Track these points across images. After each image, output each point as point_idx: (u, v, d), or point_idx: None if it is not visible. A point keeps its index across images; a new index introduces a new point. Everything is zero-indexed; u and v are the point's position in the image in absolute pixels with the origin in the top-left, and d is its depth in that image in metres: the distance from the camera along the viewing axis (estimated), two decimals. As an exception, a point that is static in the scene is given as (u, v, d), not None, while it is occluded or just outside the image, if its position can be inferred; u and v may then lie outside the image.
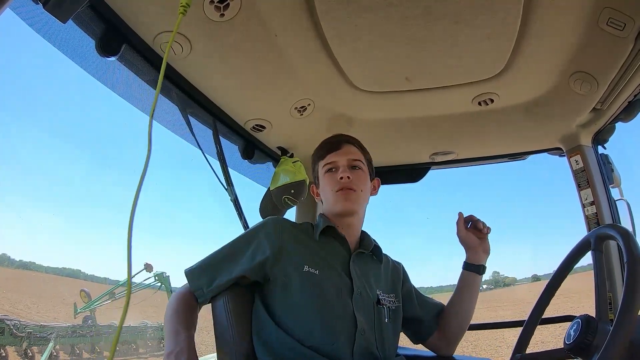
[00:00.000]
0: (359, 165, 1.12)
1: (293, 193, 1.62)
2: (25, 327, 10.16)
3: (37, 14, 0.91)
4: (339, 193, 1.07)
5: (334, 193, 1.08)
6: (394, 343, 1.06)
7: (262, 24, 1.09)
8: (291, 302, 0.96)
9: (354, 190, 1.08)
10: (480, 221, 1.17)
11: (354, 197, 1.08)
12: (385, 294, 1.08)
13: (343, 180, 1.07)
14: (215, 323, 0.97)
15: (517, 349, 0.98)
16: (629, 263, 0.73)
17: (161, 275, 12.75)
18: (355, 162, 1.12)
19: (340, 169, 1.09)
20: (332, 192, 1.09)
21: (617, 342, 0.66)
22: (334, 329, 0.94)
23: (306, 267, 0.98)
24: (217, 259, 1.01)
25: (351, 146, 1.14)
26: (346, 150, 1.12)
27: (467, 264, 1.18)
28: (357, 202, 1.08)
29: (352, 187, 1.07)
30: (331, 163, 1.11)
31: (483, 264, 1.17)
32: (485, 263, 1.18)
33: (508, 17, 1.08)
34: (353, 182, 1.08)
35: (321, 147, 1.16)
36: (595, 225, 1.54)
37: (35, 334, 10.15)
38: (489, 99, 1.48)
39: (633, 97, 1.33)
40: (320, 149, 1.16)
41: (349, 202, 1.07)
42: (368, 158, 1.18)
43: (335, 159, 1.11)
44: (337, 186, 1.08)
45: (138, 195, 0.69)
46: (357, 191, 1.08)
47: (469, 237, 1.17)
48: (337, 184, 1.08)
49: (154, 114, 1.34)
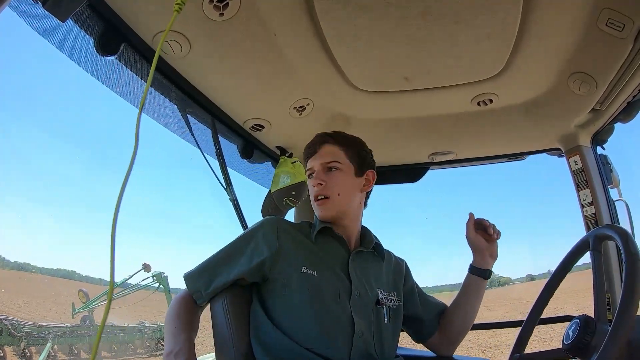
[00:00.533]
0: (335, 166, 1.07)
1: (294, 195, 1.62)
2: (24, 327, 10.15)
3: (37, 13, 0.91)
4: (316, 202, 1.07)
5: (313, 202, 1.08)
6: (393, 344, 1.06)
7: (262, 23, 1.09)
8: (289, 303, 0.96)
9: (328, 197, 1.05)
10: (491, 225, 1.15)
11: (329, 204, 1.05)
12: (385, 292, 1.07)
13: (316, 189, 1.06)
14: (214, 323, 0.97)
15: (515, 349, 0.98)
16: (627, 263, 0.73)
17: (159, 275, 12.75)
18: (331, 163, 1.07)
19: (316, 175, 1.07)
20: (312, 199, 1.08)
21: (615, 342, 0.66)
22: (331, 332, 0.93)
23: (304, 268, 0.98)
24: (214, 262, 1.01)
25: (327, 146, 1.09)
26: (321, 153, 1.09)
27: (473, 267, 1.17)
28: (333, 208, 1.05)
29: (325, 193, 1.05)
30: (309, 169, 1.10)
31: (489, 269, 1.16)
32: (492, 268, 1.17)
33: (507, 17, 1.08)
34: (327, 187, 1.05)
35: (304, 152, 1.14)
36: (594, 226, 1.54)
37: (33, 334, 10.13)
38: (488, 99, 1.48)
39: (632, 98, 1.33)
40: (303, 154, 1.14)
41: (325, 210, 1.05)
42: (353, 152, 1.10)
43: (312, 164, 1.10)
44: (312, 194, 1.08)
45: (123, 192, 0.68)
46: (332, 196, 1.05)
47: (478, 240, 1.15)
48: (312, 191, 1.08)
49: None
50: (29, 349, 10.08)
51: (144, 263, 12.65)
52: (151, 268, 12.73)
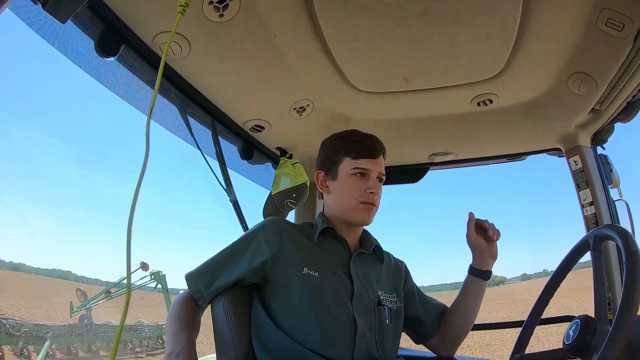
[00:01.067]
0: (383, 179, 1.10)
1: (295, 197, 1.62)
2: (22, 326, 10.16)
3: (36, 14, 0.91)
4: (363, 205, 1.04)
5: (357, 202, 1.04)
6: (394, 344, 1.06)
7: (261, 24, 1.09)
8: (290, 304, 0.96)
9: (376, 206, 1.07)
10: (491, 226, 1.14)
11: (374, 212, 1.07)
12: (386, 294, 1.07)
13: (372, 195, 1.05)
14: (215, 323, 0.97)
15: (516, 349, 0.98)
16: (627, 263, 0.73)
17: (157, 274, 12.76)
18: (383, 176, 1.10)
19: (372, 181, 1.06)
20: (355, 200, 1.05)
21: (616, 342, 0.66)
22: (333, 332, 0.93)
23: (306, 269, 0.98)
24: (216, 262, 1.01)
25: (383, 158, 1.11)
26: (380, 162, 1.09)
27: (472, 268, 1.16)
28: (373, 216, 1.08)
29: (376, 202, 1.06)
30: (364, 169, 1.06)
31: (489, 270, 1.15)
32: (492, 268, 1.16)
33: (507, 17, 1.08)
34: (378, 198, 1.07)
35: (355, 144, 1.08)
36: (594, 226, 1.54)
37: (31, 333, 10.15)
38: (488, 99, 1.48)
39: (632, 98, 1.33)
40: (354, 146, 1.08)
41: (369, 217, 1.07)
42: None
43: (370, 167, 1.06)
44: (363, 197, 1.04)
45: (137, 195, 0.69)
46: (377, 207, 1.08)
47: (478, 241, 1.14)
48: (363, 195, 1.04)
49: (153, 115, 1.35)
50: (27, 348, 10.11)
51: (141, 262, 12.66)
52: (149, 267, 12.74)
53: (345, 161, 1.07)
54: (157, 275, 12.76)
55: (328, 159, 1.11)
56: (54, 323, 11.66)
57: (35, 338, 10.18)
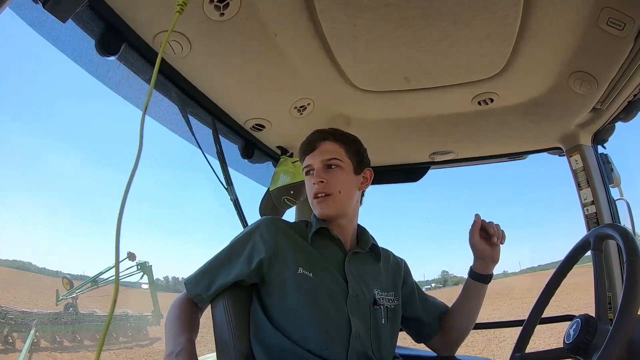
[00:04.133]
0: (336, 164, 1.06)
1: (292, 194, 1.61)
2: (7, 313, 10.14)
3: (37, 14, 0.91)
4: (315, 200, 1.05)
5: (312, 199, 1.06)
6: (391, 344, 1.06)
7: (262, 23, 1.09)
8: (286, 305, 0.96)
9: (330, 194, 1.04)
10: (496, 232, 1.10)
11: (330, 201, 1.04)
12: (383, 292, 1.07)
13: (316, 186, 1.04)
14: (215, 323, 0.97)
15: (516, 349, 0.98)
16: (628, 262, 0.73)
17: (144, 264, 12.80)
18: (331, 161, 1.06)
19: (315, 173, 1.05)
20: (311, 198, 1.07)
21: (616, 341, 0.66)
22: (328, 333, 0.93)
23: (301, 269, 0.97)
24: (213, 265, 1.01)
25: (327, 143, 1.08)
26: (321, 150, 1.07)
27: (473, 272, 1.14)
28: (334, 206, 1.04)
29: (327, 191, 1.03)
30: (307, 166, 1.08)
31: (490, 274, 1.14)
32: (492, 271, 1.14)
33: (507, 16, 1.08)
34: (328, 184, 1.04)
35: (300, 148, 1.11)
36: (595, 225, 1.54)
37: (16, 321, 10.14)
38: (488, 98, 1.48)
39: (633, 97, 1.33)
40: (300, 151, 1.11)
41: (325, 208, 1.04)
42: (353, 149, 1.10)
43: (310, 161, 1.07)
44: (312, 191, 1.06)
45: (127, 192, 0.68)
46: (334, 194, 1.04)
47: (481, 245, 1.11)
48: (312, 189, 1.06)
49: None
50: (11, 335, 10.09)
51: (128, 252, 12.68)
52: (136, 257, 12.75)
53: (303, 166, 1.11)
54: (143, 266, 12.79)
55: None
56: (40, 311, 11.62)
57: (21, 325, 10.19)
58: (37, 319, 10.40)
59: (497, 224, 1.12)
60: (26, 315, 10.63)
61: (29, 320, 10.31)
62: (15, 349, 10.00)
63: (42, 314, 11.05)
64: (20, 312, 10.85)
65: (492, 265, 1.13)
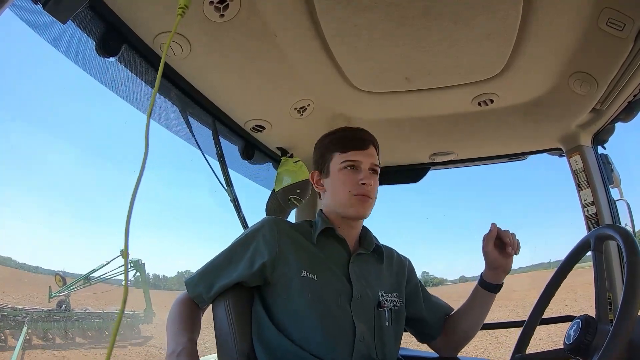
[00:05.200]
0: (377, 171, 1.08)
1: (299, 192, 1.61)
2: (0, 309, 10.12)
3: (37, 15, 0.91)
4: (356, 197, 1.02)
5: (351, 195, 1.02)
6: (395, 346, 1.05)
7: (262, 24, 1.09)
8: (290, 307, 0.95)
9: (371, 197, 1.04)
10: (512, 242, 1.06)
11: (369, 204, 1.04)
12: (387, 294, 1.06)
13: (365, 187, 1.02)
14: (216, 323, 0.97)
15: (517, 349, 0.98)
16: (628, 263, 0.73)
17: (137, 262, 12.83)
18: (376, 167, 1.07)
19: (363, 173, 1.04)
20: (348, 193, 1.03)
21: (616, 342, 0.66)
22: (332, 336, 0.93)
23: (304, 272, 0.97)
24: (215, 265, 1.00)
25: (373, 148, 1.09)
26: (371, 152, 1.07)
27: (483, 281, 1.11)
28: (370, 209, 1.06)
29: (370, 194, 1.04)
30: (354, 162, 1.04)
31: (500, 283, 1.11)
32: (503, 281, 1.11)
33: (508, 17, 1.08)
34: (372, 189, 1.04)
35: (343, 139, 1.08)
36: (595, 226, 1.54)
37: (9, 317, 10.13)
38: (488, 99, 1.48)
39: (633, 97, 1.33)
40: (342, 140, 1.07)
41: (365, 209, 1.04)
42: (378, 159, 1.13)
43: (360, 158, 1.04)
44: (355, 190, 1.02)
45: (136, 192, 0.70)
46: (373, 199, 1.05)
47: (495, 254, 1.07)
48: (356, 187, 1.02)
49: (154, 115, 1.35)
50: (3, 332, 10.10)
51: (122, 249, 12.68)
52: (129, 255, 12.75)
53: (335, 156, 1.06)
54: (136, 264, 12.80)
55: (320, 157, 1.11)
56: (32, 308, 11.62)
57: (13, 322, 10.19)
58: (29, 316, 10.38)
59: (512, 233, 1.07)
60: (19, 312, 10.62)
61: (22, 317, 10.30)
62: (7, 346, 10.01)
63: (35, 311, 11.04)
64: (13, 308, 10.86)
65: (504, 275, 1.10)
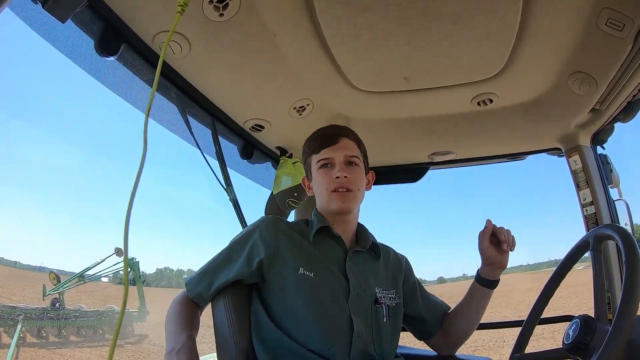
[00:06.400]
0: (356, 162, 1.06)
1: (296, 196, 1.62)
2: None
3: (36, 14, 0.91)
4: (334, 193, 1.03)
5: (329, 192, 1.03)
6: (393, 342, 1.05)
7: (262, 23, 1.09)
8: (287, 304, 0.96)
9: (351, 190, 1.03)
10: (507, 238, 1.07)
11: (351, 197, 1.03)
12: (384, 291, 1.06)
13: (339, 180, 1.02)
14: (215, 321, 0.97)
15: (516, 349, 0.98)
16: (627, 263, 0.73)
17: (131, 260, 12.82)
18: (352, 158, 1.06)
19: (337, 166, 1.04)
20: (326, 191, 1.04)
21: (615, 342, 0.66)
22: (330, 333, 0.93)
23: (301, 269, 0.97)
24: (213, 265, 1.01)
25: (347, 140, 1.08)
26: (343, 145, 1.06)
27: (480, 277, 1.12)
28: (353, 201, 1.04)
29: (348, 186, 1.02)
30: (326, 159, 1.05)
31: (497, 279, 1.12)
32: (499, 277, 1.12)
33: (507, 17, 1.08)
34: (350, 181, 1.03)
35: (314, 140, 1.09)
36: (594, 226, 1.54)
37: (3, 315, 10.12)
38: (488, 99, 1.48)
39: (632, 98, 1.33)
40: (314, 142, 1.09)
41: (346, 202, 1.03)
42: (363, 151, 1.12)
43: (331, 154, 1.05)
44: (332, 185, 1.03)
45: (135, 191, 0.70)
46: (354, 190, 1.04)
47: (490, 251, 1.08)
48: (332, 182, 1.03)
49: (153, 114, 1.35)
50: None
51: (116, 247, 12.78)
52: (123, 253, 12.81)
53: (313, 159, 1.09)
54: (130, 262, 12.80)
55: (304, 163, 1.14)
56: (26, 305, 11.59)
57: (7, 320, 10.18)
58: (23, 314, 10.37)
59: (507, 230, 1.08)
60: (13, 310, 10.61)
61: (16, 315, 10.29)
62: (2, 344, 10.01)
63: (29, 309, 11.02)
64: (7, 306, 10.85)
65: (500, 271, 1.10)
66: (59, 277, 13.35)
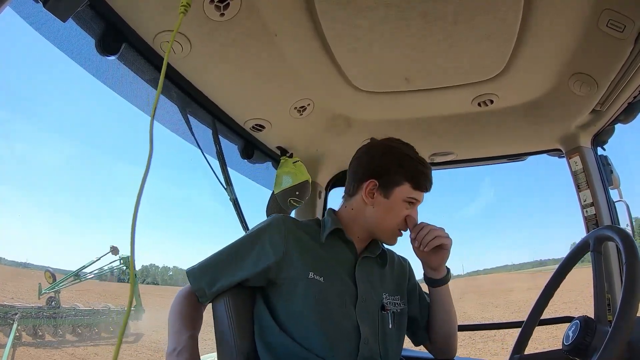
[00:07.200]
0: None
1: (298, 195, 1.61)
2: None
3: (37, 13, 0.91)
4: (398, 232, 1.06)
5: (396, 230, 1.06)
6: (397, 349, 1.05)
7: (262, 23, 1.09)
8: (294, 308, 0.95)
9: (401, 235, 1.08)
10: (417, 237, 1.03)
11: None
12: (390, 296, 1.06)
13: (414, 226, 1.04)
14: (216, 322, 0.97)
15: (515, 350, 0.98)
16: (627, 264, 0.73)
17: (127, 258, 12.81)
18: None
19: (415, 212, 1.07)
20: (396, 226, 1.05)
21: (615, 343, 0.66)
22: (337, 339, 0.92)
23: (311, 273, 0.96)
24: (219, 260, 0.99)
25: None
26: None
27: (427, 278, 1.10)
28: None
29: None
30: (415, 199, 1.06)
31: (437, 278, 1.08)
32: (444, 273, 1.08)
33: (508, 18, 1.08)
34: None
35: (420, 174, 1.05)
36: (594, 227, 1.54)
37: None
38: (488, 99, 1.48)
39: (632, 99, 1.33)
40: (419, 176, 1.05)
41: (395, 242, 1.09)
42: None
43: (420, 199, 1.07)
44: (404, 227, 1.05)
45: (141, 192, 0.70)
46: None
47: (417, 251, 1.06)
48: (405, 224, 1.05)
49: (154, 114, 1.35)
50: None
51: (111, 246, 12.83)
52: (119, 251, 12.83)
53: (405, 186, 1.04)
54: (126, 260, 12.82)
55: (386, 173, 1.05)
56: (22, 304, 11.54)
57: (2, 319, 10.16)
58: (19, 313, 10.34)
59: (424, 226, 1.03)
60: (9, 309, 10.57)
61: (12, 314, 10.26)
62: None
63: (25, 308, 10.98)
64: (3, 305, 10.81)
65: (432, 270, 1.07)
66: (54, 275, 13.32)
